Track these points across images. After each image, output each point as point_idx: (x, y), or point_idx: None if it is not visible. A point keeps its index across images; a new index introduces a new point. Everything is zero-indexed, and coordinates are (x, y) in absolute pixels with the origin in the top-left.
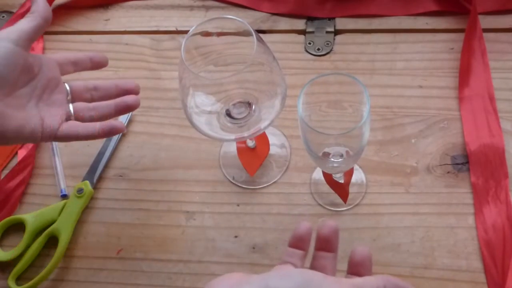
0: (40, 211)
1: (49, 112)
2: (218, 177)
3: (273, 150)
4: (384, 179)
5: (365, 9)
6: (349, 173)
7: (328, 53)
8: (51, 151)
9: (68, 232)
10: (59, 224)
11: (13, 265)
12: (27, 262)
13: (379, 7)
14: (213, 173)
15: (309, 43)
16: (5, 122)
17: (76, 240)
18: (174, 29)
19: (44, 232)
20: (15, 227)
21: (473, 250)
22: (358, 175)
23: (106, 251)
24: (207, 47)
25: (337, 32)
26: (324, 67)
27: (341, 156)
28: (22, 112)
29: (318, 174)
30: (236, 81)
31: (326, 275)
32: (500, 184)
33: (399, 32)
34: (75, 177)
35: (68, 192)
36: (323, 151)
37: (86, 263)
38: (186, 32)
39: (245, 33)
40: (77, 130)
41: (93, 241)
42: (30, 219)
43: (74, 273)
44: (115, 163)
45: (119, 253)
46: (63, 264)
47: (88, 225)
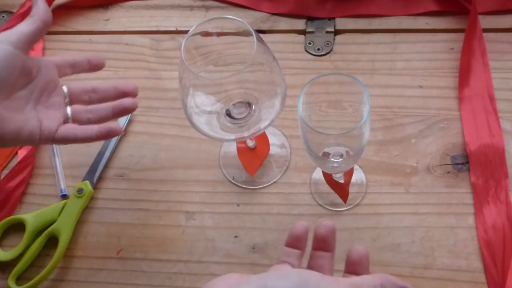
0: (40, 211)
1: (47, 115)
2: (218, 177)
3: (273, 150)
4: (384, 179)
5: (365, 9)
6: (349, 173)
7: (328, 53)
8: (51, 151)
9: (68, 232)
10: (59, 224)
11: (13, 265)
12: (27, 262)
13: (379, 7)
14: (213, 173)
15: (309, 43)
16: (3, 125)
17: (76, 240)
18: (174, 29)
19: (44, 232)
20: (15, 227)
21: (473, 250)
22: (358, 175)
23: (106, 251)
24: (207, 47)
25: (337, 32)
26: (324, 67)
27: (341, 156)
28: (20, 114)
29: (318, 174)
30: (236, 81)
31: (324, 274)
32: (500, 184)
33: (399, 32)
34: (75, 177)
35: (68, 192)
36: (323, 151)
37: (86, 263)
38: (186, 32)
39: (245, 33)
40: (75, 133)
41: (93, 241)
42: (30, 219)
43: (74, 273)
44: (115, 163)
45: (119, 253)
46: (63, 264)
47: (88, 225)
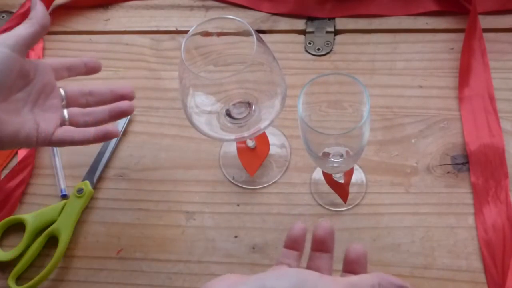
0: (40, 211)
1: (44, 117)
2: (218, 177)
3: (273, 150)
4: (384, 179)
5: (365, 9)
6: (349, 173)
7: (328, 53)
8: (51, 151)
9: (68, 232)
10: (59, 224)
11: (13, 265)
12: (27, 262)
13: (379, 7)
14: (213, 173)
15: (309, 43)
16: (1, 127)
17: (76, 240)
18: (174, 29)
19: (44, 232)
20: (15, 227)
21: (473, 250)
22: (358, 175)
23: (106, 251)
24: (207, 47)
25: (337, 32)
26: (324, 67)
27: (341, 156)
28: (17, 117)
29: (318, 174)
30: (236, 81)
31: (322, 274)
32: (500, 184)
33: (399, 32)
34: (75, 177)
35: (68, 192)
36: (323, 151)
37: (86, 263)
38: (186, 32)
39: (245, 33)
40: (72, 135)
41: (93, 241)
42: (30, 219)
43: (74, 273)
44: (115, 163)
45: (119, 253)
46: (63, 264)
47: (88, 225)
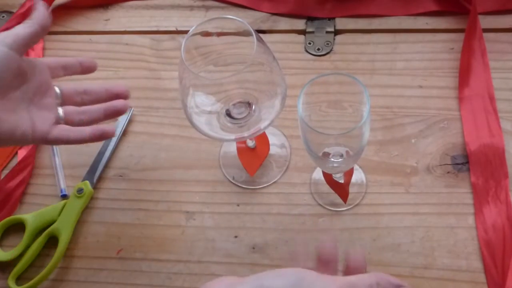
0: (40, 211)
1: (40, 116)
2: (218, 177)
3: (273, 150)
4: (384, 179)
5: (365, 9)
6: (349, 173)
7: (328, 53)
8: (51, 151)
9: (68, 232)
10: (59, 224)
11: (13, 265)
12: (27, 262)
13: (379, 7)
14: (213, 173)
15: (309, 43)
16: None
17: (76, 240)
18: (174, 29)
19: (44, 232)
20: (15, 227)
21: (473, 250)
22: (358, 175)
23: (106, 251)
24: (207, 47)
25: (337, 32)
26: (324, 67)
27: (341, 156)
28: (13, 115)
29: (318, 174)
30: (236, 81)
31: (320, 273)
32: (500, 184)
33: (399, 32)
34: (75, 177)
35: (68, 192)
36: (323, 151)
37: (86, 263)
38: (186, 32)
39: (245, 33)
40: (67, 134)
41: (93, 241)
42: (30, 219)
43: (74, 273)
44: (115, 163)
45: (119, 253)
46: (63, 264)
47: (88, 225)
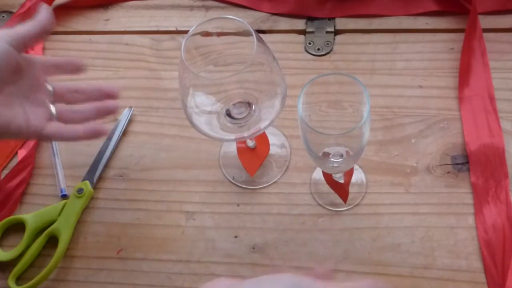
0: (40, 211)
1: (34, 111)
2: (218, 177)
3: (273, 150)
4: (384, 179)
5: (365, 9)
6: (349, 173)
7: (328, 53)
8: (51, 151)
9: (68, 232)
10: (59, 224)
11: (13, 265)
12: (27, 262)
13: (379, 7)
14: (213, 173)
15: (309, 43)
16: None
17: (76, 240)
18: (174, 29)
19: (44, 232)
20: (15, 227)
21: (473, 250)
22: (358, 175)
23: (106, 251)
24: (207, 47)
25: (337, 32)
26: (324, 67)
27: (341, 156)
28: (8, 110)
29: (318, 174)
30: (236, 81)
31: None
32: (500, 184)
33: (399, 32)
34: (75, 177)
35: (68, 192)
36: (323, 151)
37: (86, 263)
38: (186, 32)
39: (245, 33)
40: (61, 131)
41: (93, 241)
42: (30, 219)
43: (74, 273)
44: (115, 163)
45: (119, 253)
46: (63, 264)
47: (88, 225)
